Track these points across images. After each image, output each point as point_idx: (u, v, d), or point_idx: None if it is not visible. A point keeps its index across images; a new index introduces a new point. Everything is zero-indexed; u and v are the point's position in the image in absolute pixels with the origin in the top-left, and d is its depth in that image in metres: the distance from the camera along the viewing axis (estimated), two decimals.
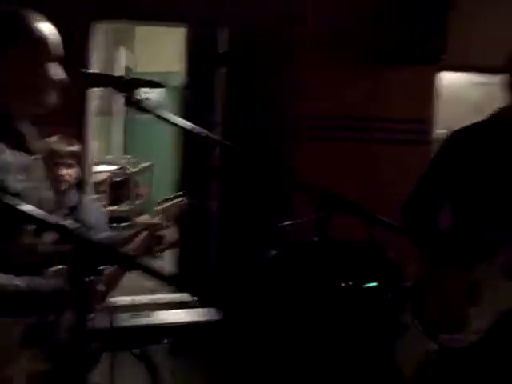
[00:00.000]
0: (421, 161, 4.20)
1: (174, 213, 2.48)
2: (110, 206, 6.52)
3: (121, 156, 7.94)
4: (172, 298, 2.64)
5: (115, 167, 7.21)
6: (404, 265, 3.28)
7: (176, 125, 1.87)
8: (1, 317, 1.66)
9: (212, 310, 2.58)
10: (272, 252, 3.50)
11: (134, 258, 1.92)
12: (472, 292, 2.52)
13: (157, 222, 2.44)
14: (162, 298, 2.61)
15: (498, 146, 2.59)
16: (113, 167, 7.18)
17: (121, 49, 7.87)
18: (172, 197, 2.52)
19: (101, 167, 6.81)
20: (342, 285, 3.25)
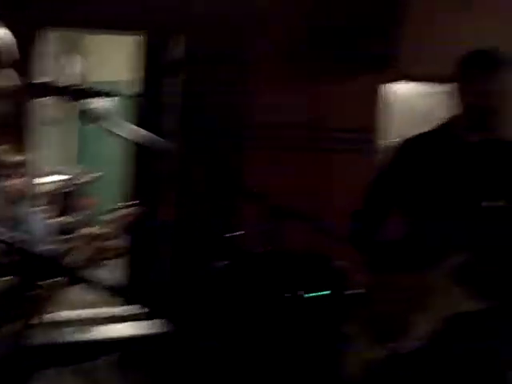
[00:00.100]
0: (369, 169, 4.26)
1: (123, 222, 2.43)
2: (58, 217, 6.40)
3: (71, 166, 7.83)
4: (118, 311, 2.59)
5: (64, 177, 7.10)
6: (351, 273, 3.28)
7: (128, 134, 1.84)
8: None
9: (160, 322, 2.54)
10: (220, 263, 3.48)
11: (79, 270, 1.87)
12: (419, 298, 2.54)
13: (105, 232, 2.39)
14: (107, 312, 2.55)
15: (445, 154, 2.66)
16: (62, 177, 7.06)
17: (72, 57, 7.77)
18: (122, 206, 2.47)
19: (49, 178, 6.69)
20: (289, 294, 3.25)
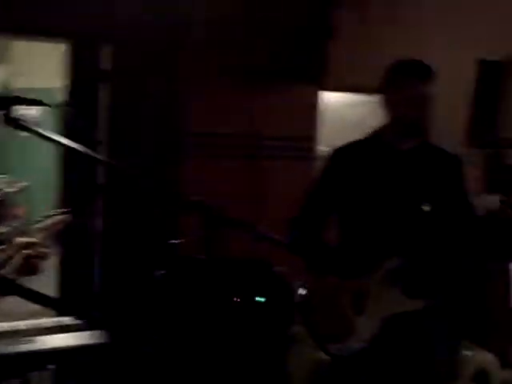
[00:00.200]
0: (305, 176, 4.33)
1: (54, 231, 2.39)
2: None
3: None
4: (54, 322, 2.54)
5: None
6: (291, 278, 3.32)
7: (56, 142, 1.81)
8: None
9: (98, 332, 2.51)
10: (159, 271, 3.45)
11: (11, 281, 1.83)
12: (358, 301, 2.59)
13: (36, 241, 2.34)
14: (43, 323, 2.50)
15: (376, 162, 2.73)
16: None
17: None
18: (52, 214, 2.42)
19: None
20: (234, 299, 3.27)
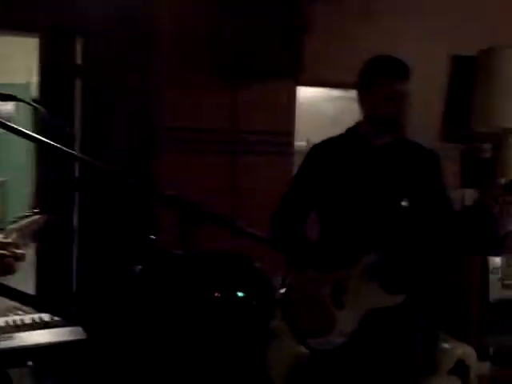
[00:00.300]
0: (283, 171, 4.33)
1: (30, 230, 2.36)
2: None
3: None
4: (32, 318, 2.52)
5: None
6: (271, 273, 3.32)
7: (31, 138, 1.79)
8: None
9: (76, 328, 2.50)
10: (137, 267, 3.44)
11: None
12: (338, 295, 2.61)
13: (11, 242, 2.31)
14: (21, 319, 2.48)
15: (352, 158, 2.75)
16: None
17: None
18: (28, 213, 2.40)
19: None
20: (215, 294, 3.27)
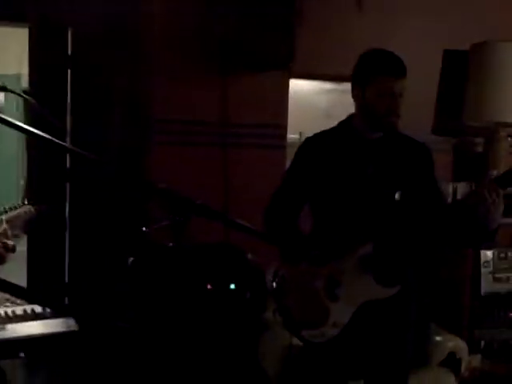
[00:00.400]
0: (276, 164, 4.32)
1: (21, 221, 2.37)
2: None
3: None
4: (24, 309, 2.52)
5: None
6: (264, 266, 3.32)
7: (22, 129, 1.77)
8: None
9: (69, 320, 2.50)
10: (129, 258, 3.44)
11: None
12: (332, 288, 2.61)
13: (1, 232, 2.32)
14: (12, 311, 2.49)
15: (346, 151, 2.75)
16: None
17: None
18: (18, 205, 2.40)
19: None
20: (208, 286, 3.29)
